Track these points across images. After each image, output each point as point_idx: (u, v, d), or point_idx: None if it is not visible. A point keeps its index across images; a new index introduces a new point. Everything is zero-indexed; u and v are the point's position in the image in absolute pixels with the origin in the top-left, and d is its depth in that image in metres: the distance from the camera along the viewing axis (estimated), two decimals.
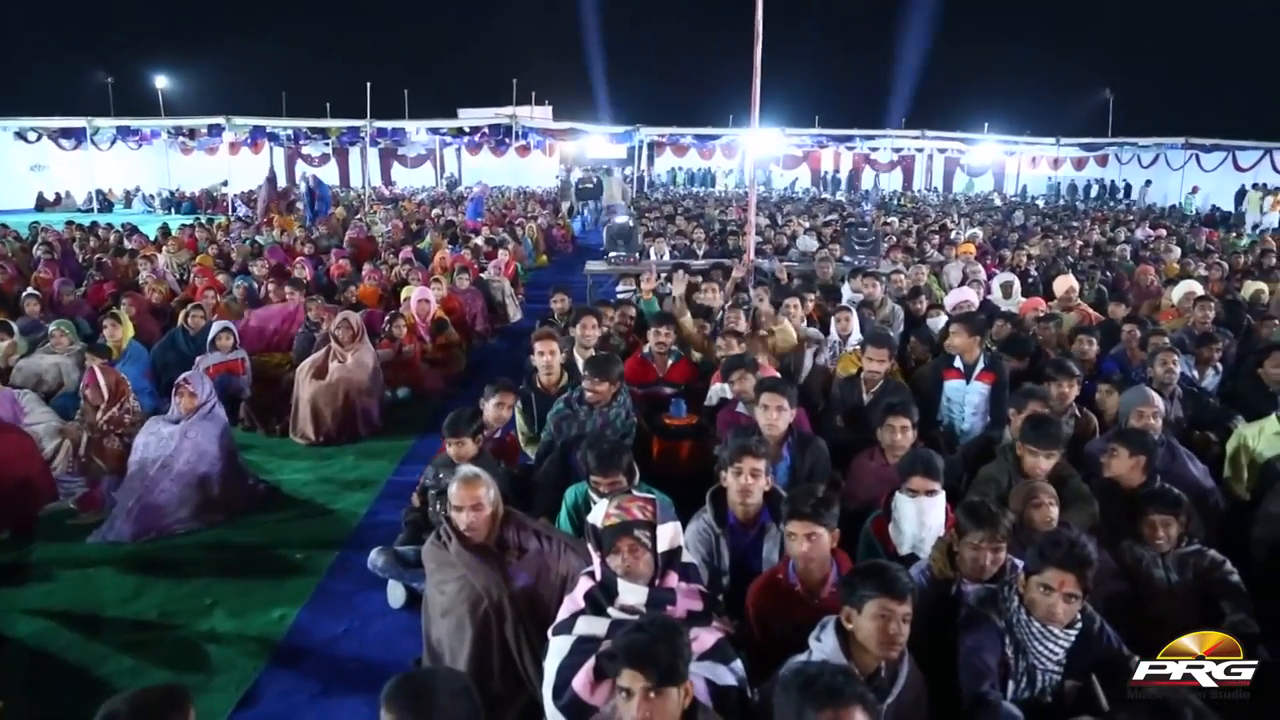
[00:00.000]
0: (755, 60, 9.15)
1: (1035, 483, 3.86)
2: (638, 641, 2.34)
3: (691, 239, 13.36)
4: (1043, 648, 2.85)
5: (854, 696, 2.03)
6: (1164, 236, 17.33)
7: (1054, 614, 2.81)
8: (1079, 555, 2.80)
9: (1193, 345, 6.74)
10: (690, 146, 35.46)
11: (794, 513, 3.18)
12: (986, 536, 3.16)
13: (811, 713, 2.02)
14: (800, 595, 3.19)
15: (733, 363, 5.24)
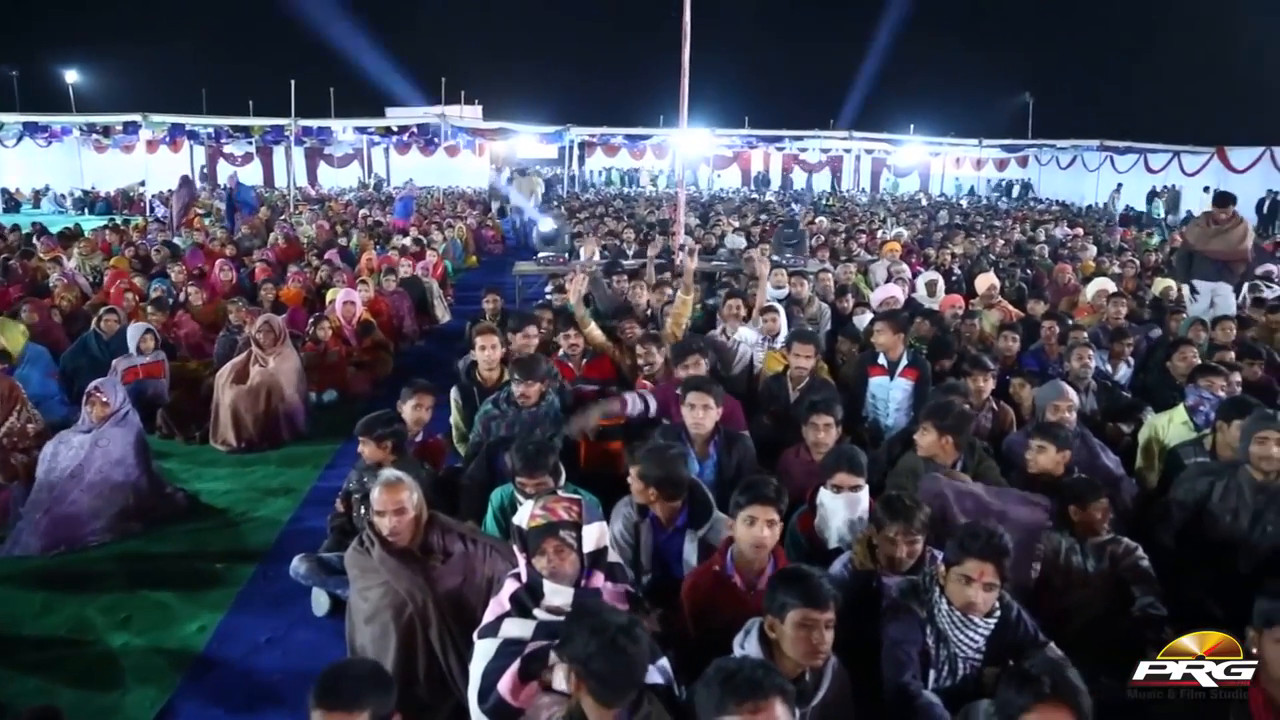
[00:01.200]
0: (683, 60, 9.21)
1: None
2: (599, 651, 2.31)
3: (621, 239, 13.37)
4: (963, 636, 2.91)
5: (773, 689, 2.05)
6: (1081, 236, 17.93)
7: (973, 603, 2.86)
8: (997, 545, 2.86)
9: (1106, 340, 6.98)
10: (621, 146, 35.48)
11: (757, 497, 3.18)
12: (902, 529, 3.23)
13: (732, 705, 2.03)
14: (738, 588, 3.20)
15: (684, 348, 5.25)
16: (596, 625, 2.32)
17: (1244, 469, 4.12)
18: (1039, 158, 36.34)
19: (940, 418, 4.19)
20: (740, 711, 2.02)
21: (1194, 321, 7.40)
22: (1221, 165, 27.57)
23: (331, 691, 2.28)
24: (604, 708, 2.32)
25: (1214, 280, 8.45)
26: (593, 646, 2.28)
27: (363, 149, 34.96)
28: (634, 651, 2.31)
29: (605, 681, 2.29)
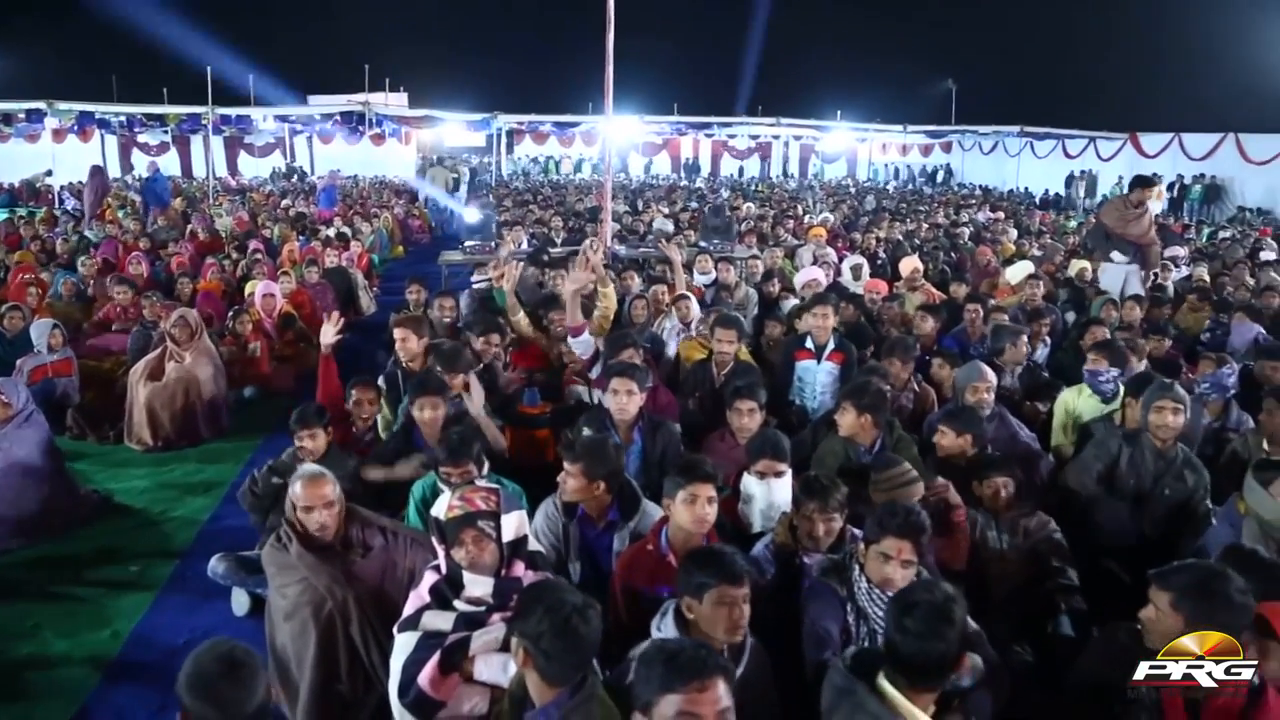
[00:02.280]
0: (608, 47, 9.17)
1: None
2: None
3: (550, 227, 13.30)
4: (882, 613, 2.96)
5: (716, 669, 2.07)
6: (1002, 219, 18.40)
7: (891, 580, 2.90)
8: (914, 523, 2.92)
9: (1025, 321, 7.17)
10: (550, 134, 35.26)
11: (698, 475, 3.20)
12: (818, 506, 3.28)
13: (677, 685, 2.04)
14: (672, 567, 3.20)
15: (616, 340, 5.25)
16: (552, 604, 2.33)
17: (1145, 436, 4.33)
18: (962, 143, 37.20)
19: (858, 397, 4.25)
20: (685, 691, 2.03)
21: (1106, 301, 7.64)
22: (1134, 151, 28.54)
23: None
24: (549, 686, 2.33)
25: (1128, 262, 8.73)
26: (545, 625, 2.29)
27: (285, 138, 34.13)
28: (585, 632, 2.33)
29: (554, 659, 2.30)
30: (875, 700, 2.27)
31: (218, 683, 2.19)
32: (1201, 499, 4.31)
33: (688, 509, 3.18)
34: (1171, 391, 4.28)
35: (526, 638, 2.32)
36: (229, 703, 2.18)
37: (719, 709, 2.02)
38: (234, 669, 2.21)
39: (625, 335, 5.36)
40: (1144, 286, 8.68)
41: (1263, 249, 14.11)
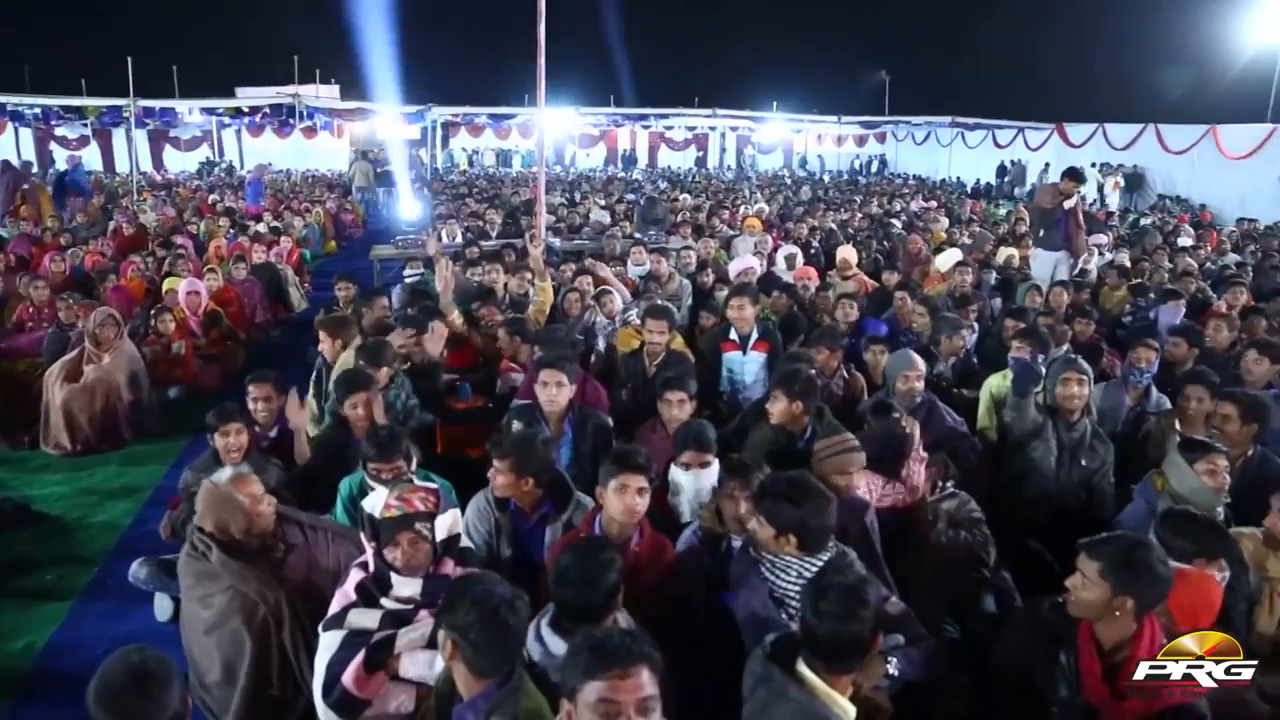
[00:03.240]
0: (539, 37, 9.10)
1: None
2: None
3: (485, 220, 13.17)
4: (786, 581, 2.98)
5: (640, 657, 2.06)
6: (935, 208, 18.72)
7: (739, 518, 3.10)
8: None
9: (953, 307, 7.30)
10: (486, 126, 34.87)
11: (629, 465, 3.21)
12: (739, 484, 3.31)
13: (600, 672, 2.03)
14: None
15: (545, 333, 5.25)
16: (480, 596, 2.32)
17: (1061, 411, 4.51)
18: (895, 134, 37.78)
19: (789, 385, 4.29)
20: (607, 678, 2.02)
21: (1030, 288, 7.82)
22: (1061, 141, 29.22)
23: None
24: (477, 678, 2.32)
25: (1057, 250, 8.95)
26: (473, 616, 2.28)
27: (212, 131, 33.20)
28: (514, 623, 2.33)
29: (482, 651, 2.29)
30: (795, 685, 2.29)
31: (125, 694, 2.12)
32: (1105, 474, 4.48)
33: (618, 498, 3.21)
34: (1076, 364, 4.52)
35: (455, 630, 2.30)
36: (138, 715, 2.11)
37: (640, 697, 2.02)
38: (143, 679, 2.15)
39: (556, 330, 5.35)
40: (1070, 273, 8.90)
41: (1180, 235, 14.58)
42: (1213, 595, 2.86)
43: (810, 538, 2.92)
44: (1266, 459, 4.18)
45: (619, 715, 2.00)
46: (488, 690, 2.30)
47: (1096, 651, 2.62)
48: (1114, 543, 2.65)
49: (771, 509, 2.94)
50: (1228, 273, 9.83)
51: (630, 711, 2.01)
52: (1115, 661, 2.57)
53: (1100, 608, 2.59)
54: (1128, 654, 2.55)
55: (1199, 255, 11.88)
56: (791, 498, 2.92)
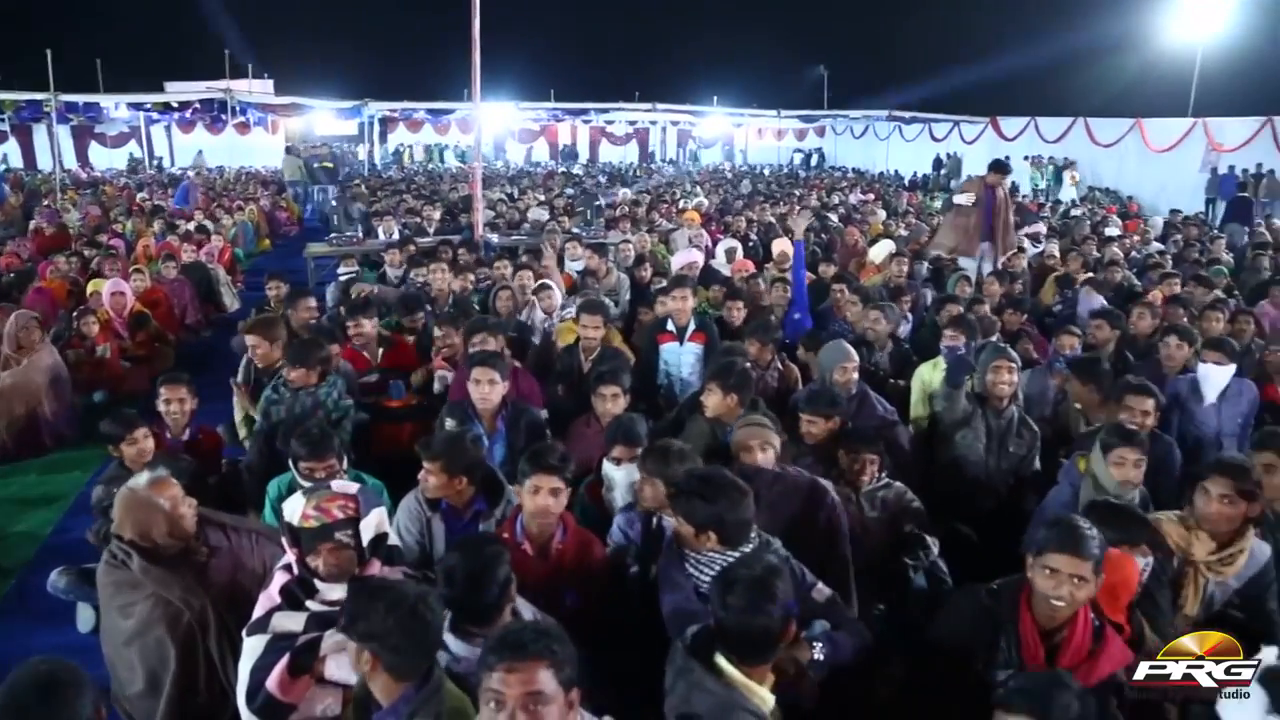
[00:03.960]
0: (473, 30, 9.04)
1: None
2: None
3: (422, 216, 13.01)
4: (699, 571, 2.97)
5: (539, 653, 2.05)
6: (872, 201, 18.98)
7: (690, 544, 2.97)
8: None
9: (888, 298, 7.40)
10: (425, 121, 34.48)
11: (540, 466, 3.19)
12: (653, 467, 3.36)
13: (495, 664, 2.03)
14: (529, 555, 3.20)
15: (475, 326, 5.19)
16: (392, 599, 2.30)
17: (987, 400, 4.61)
18: (834, 128, 38.19)
19: (724, 378, 4.30)
20: (499, 669, 2.02)
21: (960, 278, 7.96)
22: (995, 134, 29.84)
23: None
24: (397, 681, 2.29)
25: (986, 240, 9.13)
26: (391, 621, 2.25)
27: (140, 127, 32.25)
28: (432, 619, 2.32)
29: (404, 653, 2.27)
30: (712, 678, 2.31)
31: (33, 706, 2.06)
32: (1032, 459, 4.60)
33: (531, 499, 3.22)
34: (1004, 353, 4.63)
35: (373, 640, 2.27)
36: None
37: (526, 692, 2.02)
38: (51, 690, 2.08)
39: (480, 321, 5.31)
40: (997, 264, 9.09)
41: (1108, 225, 14.98)
42: (1130, 575, 2.95)
43: (729, 532, 2.89)
44: (1157, 440, 4.29)
45: (502, 707, 2.01)
46: (407, 693, 2.28)
47: (1039, 633, 2.68)
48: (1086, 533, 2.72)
49: (687, 507, 2.91)
50: (1151, 261, 10.12)
51: (514, 705, 2.01)
52: (1054, 643, 2.64)
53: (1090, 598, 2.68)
54: (1065, 635, 2.62)
55: (1125, 245, 12.21)
56: (704, 494, 2.88)
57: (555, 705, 2.06)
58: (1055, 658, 2.61)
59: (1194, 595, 3.29)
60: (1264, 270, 9.57)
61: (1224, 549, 3.27)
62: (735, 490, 2.92)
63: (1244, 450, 4.49)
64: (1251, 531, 3.30)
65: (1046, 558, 2.65)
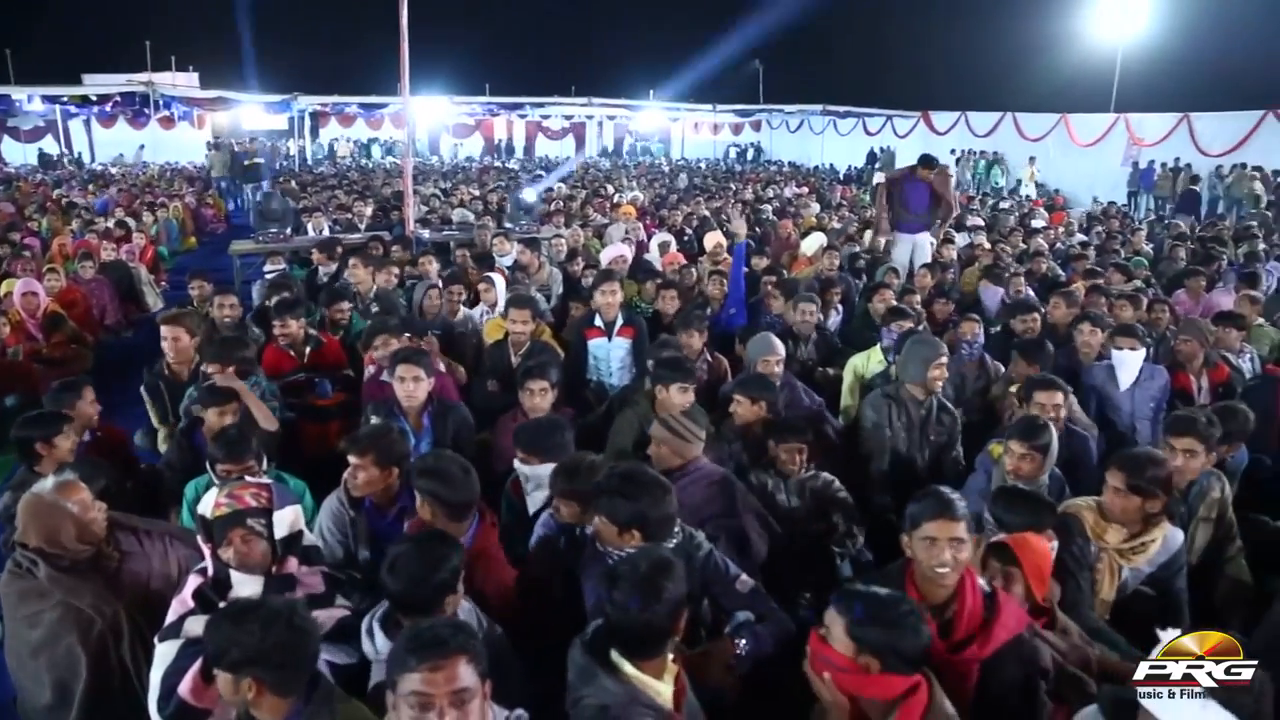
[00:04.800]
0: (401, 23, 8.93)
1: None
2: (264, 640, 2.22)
3: (353, 213, 12.79)
4: None
5: (457, 649, 2.04)
6: (807, 194, 19.18)
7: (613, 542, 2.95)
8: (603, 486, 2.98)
9: (819, 290, 7.48)
10: (357, 116, 33.92)
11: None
12: (564, 487, 3.28)
13: (414, 663, 2.01)
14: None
15: (375, 329, 5.10)
16: (263, 615, 2.24)
17: (905, 388, 4.69)
18: (770, 122, 38.56)
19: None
20: (420, 670, 2.00)
21: (888, 269, 8.09)
22: (927, 128, 30.40)
23: None
24: (283, 698, 2.25)
25: (916, 232, 9.28)
26: (270, 637, 2.19)
27: (57, 120, 31.16)
28: (311, 628, 2.29)
29: (288, 667, 2.23)
30: (608, 675, 2.31)
31: None
32: (953, 444, 4.71)
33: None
34: (941, 350, 4.68)
35: (253, 666, 2.21)
36: None
37: (453, 689, 2.00)
38: None
39: (382, 322, 5.26)
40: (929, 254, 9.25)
41: (1034, 218, 15.35)
42: (1046, 552, 3.01)
43: (652, 529, 2.88)
44: (1071, 434, 4.43)
45: (431, 708, 1.99)
46: (296, 707, 2.25)
47: (929, 610, 2.70)
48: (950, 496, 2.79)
49: (609, 506, 2.89)
50: (1074, 252, 10.40)
51: (443, 704, 1.99)
52: (946, 619, 2.68)
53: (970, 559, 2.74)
54: (956, 608, 2.67)
55: (1050, 236, 12.53)
56: (625, 493, 2.87)
57: (477, 699, 2.06)
58: (950, 632, 2.64)
59: (1109, 580, 3.36)
60: (1180, 261, 9.89)
61: (1136, 538, 3.34)
62: (657, 487, 2.92)
63: (1156, 434, 4.65)
64: (1164, 524, 3.36)
65: (922, 528, 2.71)
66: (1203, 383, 5.54)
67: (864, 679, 2.20)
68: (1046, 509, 3.24)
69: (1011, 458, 3.77)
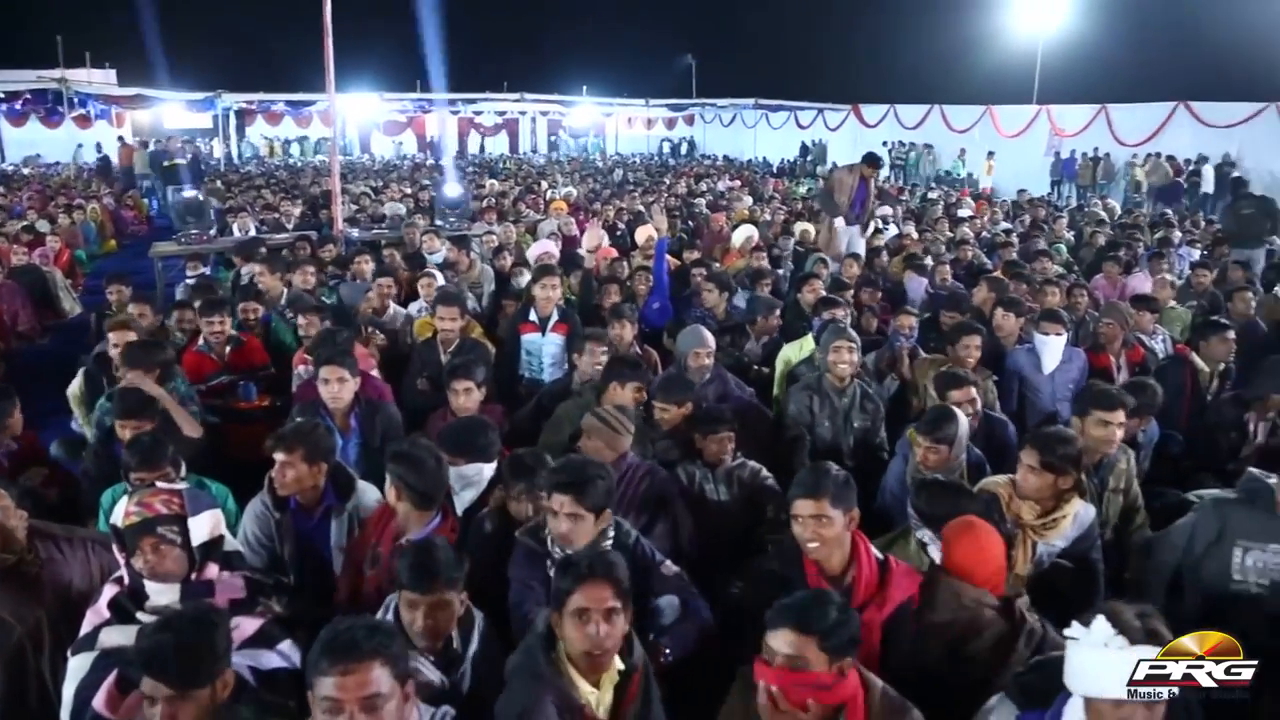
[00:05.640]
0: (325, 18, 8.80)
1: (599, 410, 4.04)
2: (158, 645, 2.18)
3: (281, 212, 12.52)
4: None
5: (372, 652, 2.00)
6: (739, 187, 19.34)
7: (563, 534, 2.96)
8: (573, 478, 2.99)
9: (749, 282, 7.55)
10: (285, 114, 33.17)
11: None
12: (524, 488, 3.31)
13: (326, 666, 1.98)
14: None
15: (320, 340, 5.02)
16: (170, 620, 2.23)
17: (825, 378, 4.78)
18: (703, 116, 38.70)
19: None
20: (332, 673, 1.97)
21: (817, 260, 8.19)
22: (857, 121, 30.86)
23: None
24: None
25: (852, 224, 9.45)
26: (169, 639, 2.17)
27: None
28: (220, 619, 2.30)
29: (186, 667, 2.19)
30: (546, 661, 2.35)
31: None
32: (876, 430, 4.81)
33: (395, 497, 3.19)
34: (844, 333, 4.80)
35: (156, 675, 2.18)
36: None
37: (364, 694, 1.97)
38: None
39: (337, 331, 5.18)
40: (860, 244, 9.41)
41: (961, 207, 15.70)
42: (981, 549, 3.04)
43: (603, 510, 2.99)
44: (994, 422, 4.56)
45: (341, 713, 1.96)
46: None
47: (826, 580, 2.82)
48: (823, 473, 2.89)
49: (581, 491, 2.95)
50: (999, 240, 10.65)
51: (354, 709, 1.96)
52: (845, 587, 2.78)
53: (842, 534, 2.82)
54: (854, 576, 2.80)
55: (976, 225, 12.82)
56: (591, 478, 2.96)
57: (393, 702, 2.03)
58: (849, 600, 2.71)
59: (1024, 556, 3.45)
60: (1099, 246, 10.20)
61: (1049, 514, 3.44)
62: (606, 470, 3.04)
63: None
64: (1075, 500, 3.47)
65: (793, 507, 2.83)
66: (1121, 363, 5.72)
67: (842, 686, 2.21)
68: (965, 495, 3.32)
69: (919, 449, 3.87)
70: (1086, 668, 2.10)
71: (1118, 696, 2.04)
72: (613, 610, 2.33)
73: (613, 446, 3.71)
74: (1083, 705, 2.12)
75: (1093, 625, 2.09)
